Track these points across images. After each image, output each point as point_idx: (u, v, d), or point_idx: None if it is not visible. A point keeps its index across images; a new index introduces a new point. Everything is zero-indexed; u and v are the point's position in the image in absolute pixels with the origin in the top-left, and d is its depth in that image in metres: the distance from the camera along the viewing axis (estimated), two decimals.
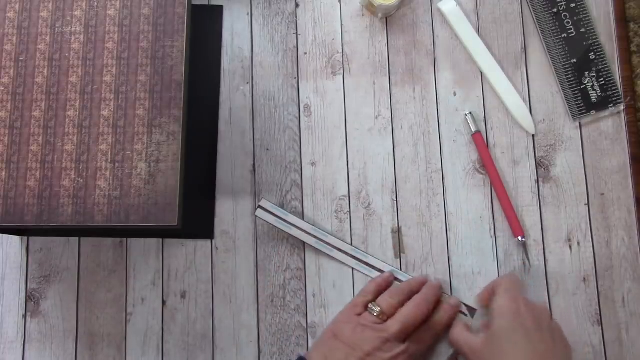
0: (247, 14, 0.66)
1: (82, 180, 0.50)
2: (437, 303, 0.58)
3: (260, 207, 0.61)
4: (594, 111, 0.63)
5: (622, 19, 0.65)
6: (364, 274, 0.61)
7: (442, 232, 0.62)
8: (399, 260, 0.62)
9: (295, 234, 0.61)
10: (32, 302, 0.61)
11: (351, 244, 0.62)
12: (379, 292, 0.59)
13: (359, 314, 0.57)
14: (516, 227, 0.61)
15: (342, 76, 0.65)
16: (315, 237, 0.61)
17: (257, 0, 0.66)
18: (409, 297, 0.57)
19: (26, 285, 0.62)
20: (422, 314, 0.56)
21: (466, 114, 0.63)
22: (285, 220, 0.61)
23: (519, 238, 0.61)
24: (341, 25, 0.66)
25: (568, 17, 0.64)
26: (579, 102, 0.63)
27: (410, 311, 0.56)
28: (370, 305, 0.57)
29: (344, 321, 0.57)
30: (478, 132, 0.63)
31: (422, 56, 0.65)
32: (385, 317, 0.55)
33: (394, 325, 0.54)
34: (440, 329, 0.58)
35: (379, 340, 0.54)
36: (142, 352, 0.60)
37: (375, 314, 0.55)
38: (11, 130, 0.51)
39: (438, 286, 0.59)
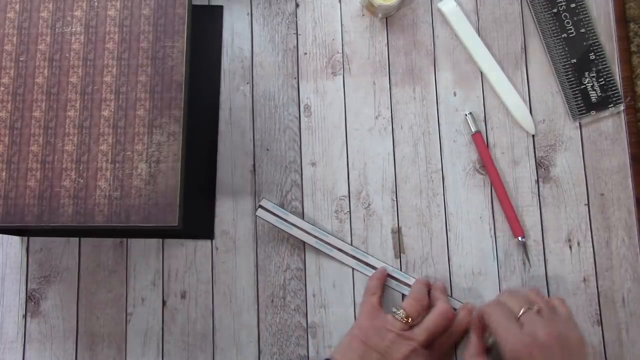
0: (247, 14, 0.66)
1: (82, 181, 0.50)
2: None
3: (261, 206, 0.61)
4: (594, 111, 0.63)
5: (622, 19, 0.65)
6: (363, 273, 0.61)
7: (442, 232, 0.62)
8: (399, 260, 0.62)
9: (296, 234, 0.61)
10: (32, 302, 0.61)
11: (351, 244, 0.62)
12: (383, 287, 0.60)
13: (382, 317, 0.57)
14: (516, 227, 0.61)
15: (342, 76, 0.65)
16: (315, 236, 0.61)
17: (257, 0, 0.66)
18: (427, 299, 0.58)
19: (26, 285, 0.62)
20: (447, 322, 0.57)
21: (466, 114, 0.63)
22: (285, 220, 0.61)
23: (519, 238, 0.61)
24: (341, 25, 0.66)
25: (568, 17, 0.64)
26: (579, 102, 0.63)
27: (436, 320, 0.56)
28: (394, 309, 0.57)
29: (369, 327, 0.56)
30: (478, 132, 0.63)
31: (422, 56, 0.65)
32: (409, 320, 0.56)
33: (422, 334, 0.55)
34: (458, 335, 0.58)
35: (408, 348, 0.54)
36: (142, 352, 0.60)
37: (400, 319, 0.56)
38: (11, 131, 0.51)
39: (444, 288, 0.60)
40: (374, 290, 0.59)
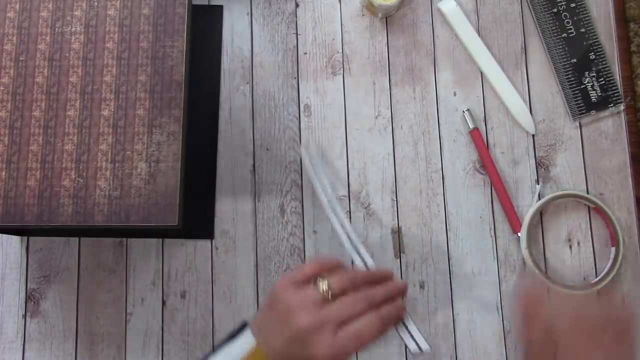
0: (247, 14, 0.66)
1: (82, 180, 0.50)
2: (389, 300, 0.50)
3: (304, 148, 0.62)
4: (594, 111, 0.63)
5: (622, 19, 0.65)
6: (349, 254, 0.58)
7: (442, 232, 0.62)
8: (399, 260, 0.62)
9: (315, 187, 0.59)
10: (32, 302, 0.61)
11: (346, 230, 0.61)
12: (319, 272, 0.49)
13: (301, 288, 0.48)
14: (515, 222, 0.61)
15: (342, 76, 0.65)
16: (329, 202, 0.59)
17: (257, 0, 0.66)
18: (363, 284, 0.49)
19: (26, 285, 0.62)
20: (364, 308, 0.47)
21: (464, 111, 0.63)
22: (316, 172, 0.60)
23: (518, 234, 0.61)
24: (341, 25, 0.66)
25: (568, 17, 0.64)
26: (579, 102, 0.63)
27: (364, 325, 0.46)
28: (318, 279, 0.48)
29: (284, 291, 0.48)
30: (476, 128, 0.63)
31: (422, 56, 0.65)
32: (330, 295, 0.47)
33: (337, 314, 0.46)
34: (387, 324, 0.48)
35: (316, 320, 0.46)
36: (142, 352, 0.60)
37: (321, 290, 0.47)
38: (11, 130, 0.51)
39: (401, 290, 0.50)
40: (304, 267, 0.49)
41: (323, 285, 0.47)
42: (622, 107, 0.63)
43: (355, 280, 0.49)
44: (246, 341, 0.47)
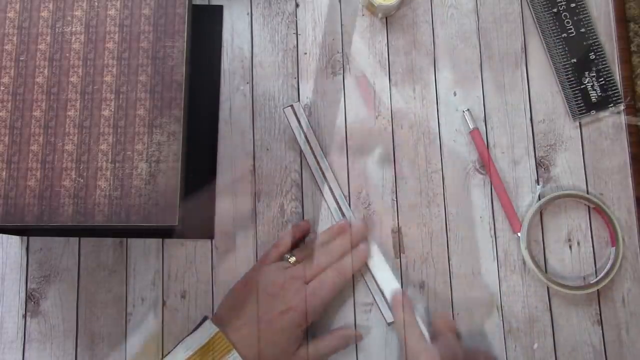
0: (247, 14, 0.66)
1: (82, 180, 0.50)
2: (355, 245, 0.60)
3: (291, 106, 0.63)
4: (594, 111, 0.63)
5: (622, 19, 0.65)
6: (334, 217, 0.62)
7: (442, 232, 0.62)
8: (399, 260, 0.62)
9: (303, 148, 0.62)
10: (32, 302, 0.61)
11: (348, 196, 0.62)
12: (294, 243, 0.61)
13: (272, 263, 0.59)
14: (515, 222, 0.61)
15: (342, 76, 0.65)
16: (317, 162, 0.62)
17: (257, 0, 0.66)
18: (324, 245, 0.60)
19: (26, 285, 0.62)
20: (326, 262, 0.58)
21: (464, 111, 0.63)
22: (303, 132, 0.62)
23: (518, 234, 0.61)
24: (341, 25, 0.66)
25: (568, 17, 0.64)
26: (579, 102, 0.63)
27: (326, 275, 0.57)
28: (285, 255, 0.59)
29: (255, 269, 0.59)
30: (476, 128, 0.63)
31: (422, 56, 0.65)
32: (297, 264, 0.58)
33: (303, 270, 0.57)
34: (346, 273, 0.58)
35: (284, 278, 0.56)
36: (142, 352, 0.60)
37: (290, 262, 0.58)
38: (11, 130, 0.51)
39: (358, 231, 0.60)
40: (279, 244, 0.60)
41: (291, 258, 0.58)
42: (622, 107, 0.63)
43: (314, 246, 0.59)
44: (206, 331, 0.54)
